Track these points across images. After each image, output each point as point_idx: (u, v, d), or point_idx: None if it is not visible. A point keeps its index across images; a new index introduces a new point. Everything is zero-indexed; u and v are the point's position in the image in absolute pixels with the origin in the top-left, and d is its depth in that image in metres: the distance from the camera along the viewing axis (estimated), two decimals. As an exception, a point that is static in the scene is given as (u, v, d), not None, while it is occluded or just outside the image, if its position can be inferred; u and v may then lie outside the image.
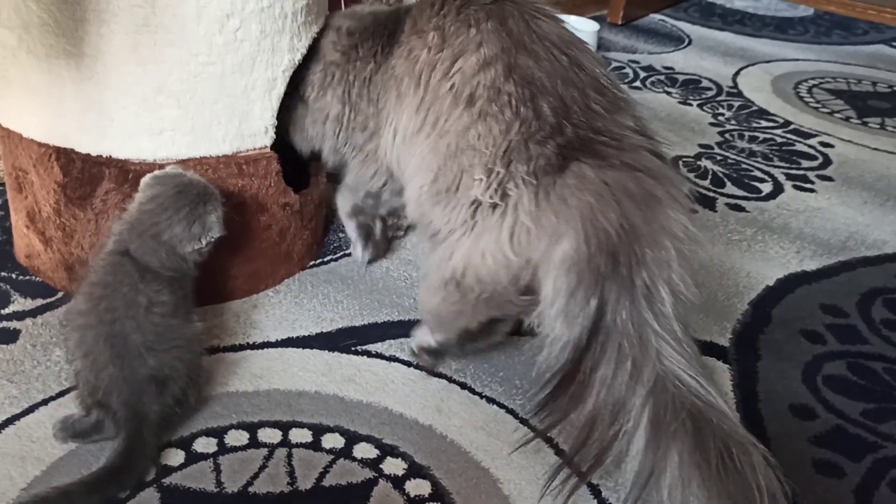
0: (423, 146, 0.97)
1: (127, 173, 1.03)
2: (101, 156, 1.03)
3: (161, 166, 1.03)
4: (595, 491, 0.90)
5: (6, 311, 1.08)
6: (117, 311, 0.89)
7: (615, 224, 0.85)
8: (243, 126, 1.06)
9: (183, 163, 1.04)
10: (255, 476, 0.88)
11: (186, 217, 0.95)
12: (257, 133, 1.08)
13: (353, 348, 1.07)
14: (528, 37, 0.94)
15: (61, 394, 0.96)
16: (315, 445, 0.92)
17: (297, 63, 1.09)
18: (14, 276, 1.15)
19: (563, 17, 2.16)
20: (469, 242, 0.93)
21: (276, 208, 1.13)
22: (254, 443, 0.92)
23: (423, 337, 1.04)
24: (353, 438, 0.93)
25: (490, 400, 1.01)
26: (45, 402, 0.95)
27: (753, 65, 2.27)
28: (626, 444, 0.82)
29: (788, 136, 1.84)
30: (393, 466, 0.90)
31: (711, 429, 0.80)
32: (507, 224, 0.89)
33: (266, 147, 1.10)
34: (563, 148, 0.89)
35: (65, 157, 1.04)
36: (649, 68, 2.18)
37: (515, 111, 0.90)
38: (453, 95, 0.94)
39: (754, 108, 1.98)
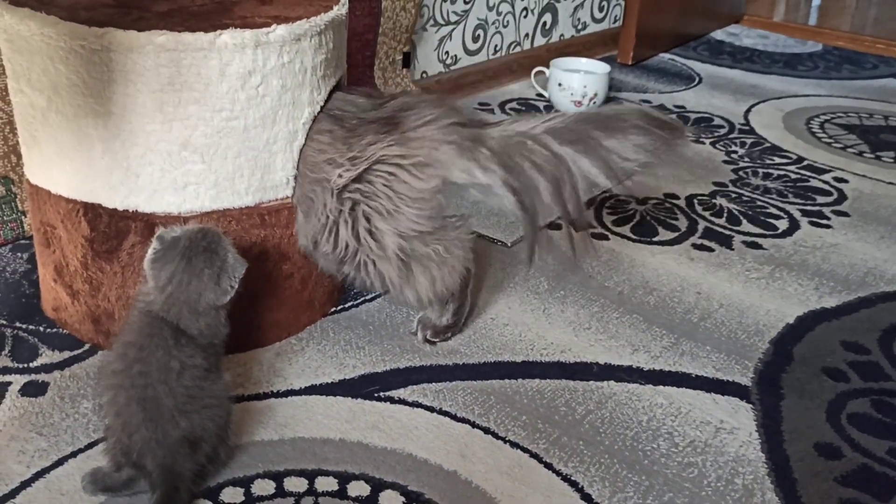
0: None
1: (152, 227, 1.06)
2: (127, 210, 1.05)
3: (185, 220, 1.05)
4: (572, 482, 0.90)
5: (34, 364, 1.10)
6: (150, 375, 0.89)
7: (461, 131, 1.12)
8: (265, 178, 1.08)
9: (207, 215, 1.06)
10: (283, 526, 0.89)
11: (210, 278, 0.95)
12: (279, 184, 1.10)
13: (375, 395, 1.08)
14: None
15: (90, 446, 0.97)
16: (341, 494, 0.93)
17: (316, 115, 1.12)
18: (42, 328, 1.17)
19: (575, 59, 2.19)
20: (384, 222, 1.10)
21: (298, 257, 1.15)
22: (280, 492, 0.92)
23: (434, 320, 1.18)
24: (378, 486, 0.94)
25: (514, 444, 1.01)
26: (73, 454, 0.96)
27: (764, 101, 2.29)
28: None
29: (802, 172, 1.85)
30: (419, 514, 0.91)
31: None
32: (402, 178, 1.09)
33: (287, 198, 1.12)
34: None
35: (92, 212, 1.06)
36: (661, 107, 2.20)
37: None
38: None
39: (767, 144, 1.99)
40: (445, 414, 1.05)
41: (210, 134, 1.02)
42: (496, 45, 2.28)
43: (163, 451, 0.87)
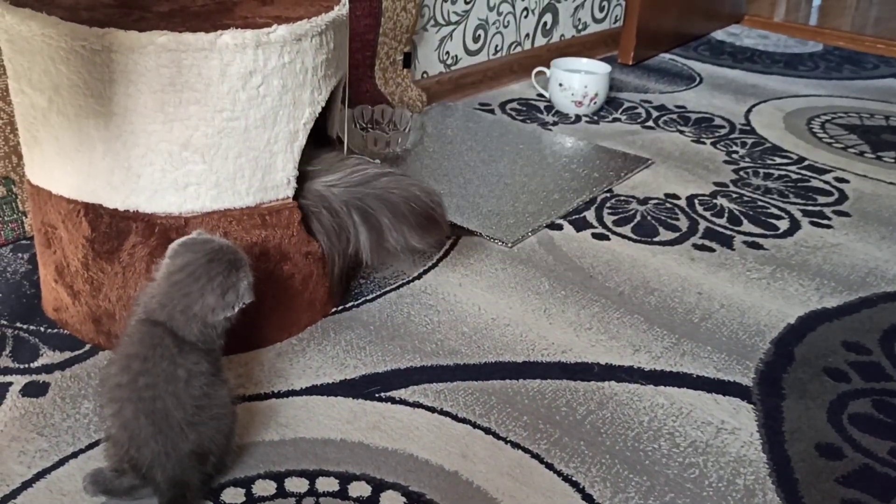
0: None
1: (153, 227, 1.06)
2: (128, 211, 1.05)
3: (186, 220, 1.05)
4: (573, 483, 0.90)
5: (35, 364, 1.10)
6: (157, 386, 0.87)
7: None
8: (266, 178, 1.08)
9: (207, 216, 1.06)
10: (284, 526, 0.89)
11: (220, 286, 0.91)
12: (280, 185, 1.10)
13: (376, 395, 1.08)
14: None
15: (91, 446, 0.97)
16: (342, 494, 0.93)
17: (317, 115, 1.12)
18: (42, 329, 1.17)
19: (575, 59, 2.20)
20: None
21: (299, 257, 1.15)
22: (281, 493, 0.92)
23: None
24: (379, 486, 0.94)
25: (515, 445, 1.01)
26: (74, 454, 0.96)
27: (765, 102, 2.29)
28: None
29: (803, 172, 1.85)
30: (420, 514, 0.91)
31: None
32: None
33: (288, 198, 1.12)
34: None
35: (93, 212, 1.06)
36: (661, 107, 2.20)
37: None
38: None
39: (768, 145, 1.99)
40: (446, 414, 1.05)
41: (211, 134, 1.02)
42: (497, 46, 2.28)
43: (172, 465, 0.86)
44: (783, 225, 1.60)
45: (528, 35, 2.38)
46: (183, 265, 0.92)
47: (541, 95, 2.21)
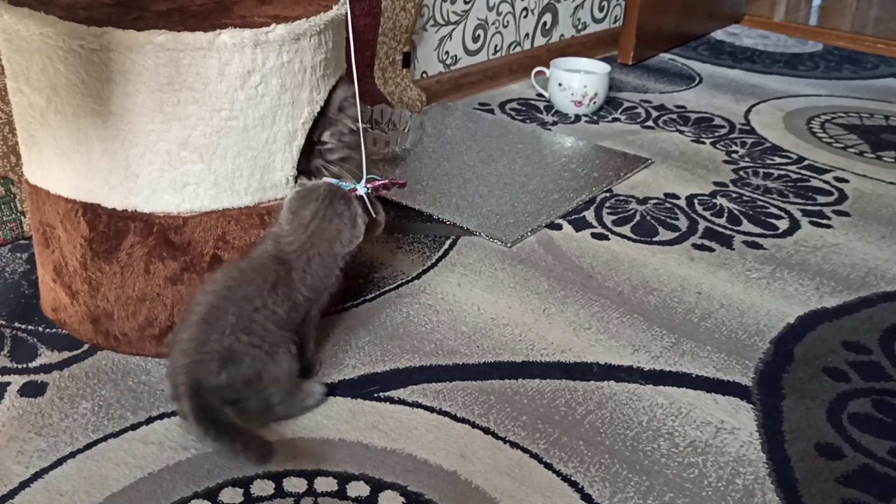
0: None
1: (152, 227, 1.06)
2: (126, 210, 1.05)
3: (185, 219, 1.05)
4: (572, 483, 0.90)
5: (33, 364, 1.10)
6: (234, 295, 0.97)
7: None
8: (265, 178, 1.08)
9: (206, 215, 1.06)
10: (282, 526, 0.88)
11: (350, 218, 1.03)
12: (278, 184, 1.10)
13: (375, 395, 1.08)
14: None
15: (89, 446, 0.97)
16: (341, 494, 0.92)
17: (315, 115, 1.11)
18: (41, 329, 1.17)
19: (575, 59, 2.20)
20: None
21: (298, 257, 1.15)
22: (279, 492, 0.92)
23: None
24: (378, 486, 0.93)
25: (514, 445, 1.01)
26: (72, 454, 0.96)
27: (765, 101, 2.29)
28: None
29: (803, 171, 1.84)
30: (418, 514, 0.91)
31: None
32: None
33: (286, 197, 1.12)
34: None
35: (91, 212, 1.06)
36: (661, 107, 2.20)
37: None
38: None
39: (767, 144, 1.99)
40: (445, 414, 1.05)
41: (209, 133, 1.02)
42: (496, 45, 2.28)
43: (195, 352, 0.93)
44: (783, 225, 1.60)
45: (527, 35, 2.38)
46: (313, 214, 1.02)
47: (540, 95, 2.21)
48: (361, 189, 1.07)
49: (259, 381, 0.97)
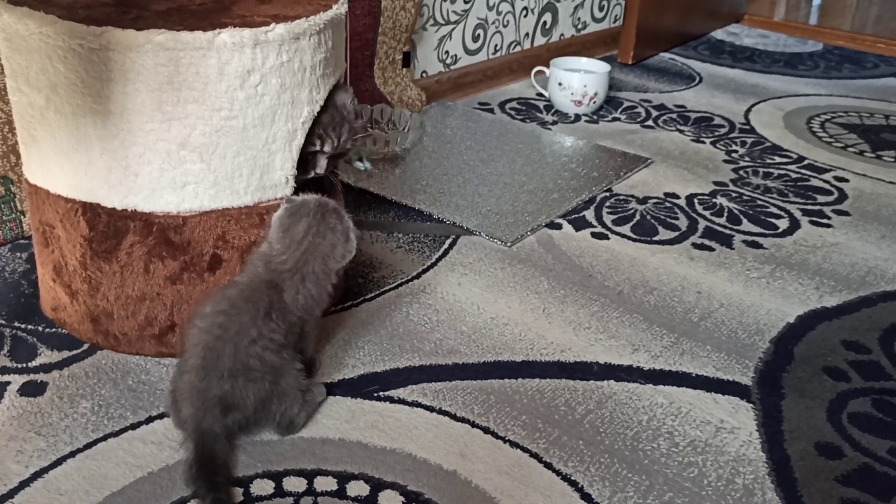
0: None
1: (151, 226, 1.05)
2: (126, 210, 1.05)
3: (184, 219, 1.05)
4: (572, 482, 0.90)
5: (33, 363, 1.10)
6: (228, 333, 0.94)
7: None
8: (264, 178, 1.08)
9: (205, 214, 1.06)
10: (282, 526, 0.88)
11: (342, 232, 1.01)
12: (278, 184, 1.10)
13: (375, 394, 1.08)
14: None
15: (88, 446, 0.97)
16: (340, 493, 0.92)
17: (314, 114, 1.11)
18: (40, 328, 1.17)
19: (575, 59, 2.19)
20: None
21: (297, 257, 1.15)
22: (279, 492, 0.92)
23: None
24: (377, 486, 0.93)
25: (513, 444, 1.01)
26: (72, 454, 0.96)
27: (765, 101, 2.29)
28: None
29: (803, 171, 1.84)
30: (418, 514, 0.91)
31: None
32: None
33: (286, 197, 1.11)
34: None
35: (91, 211, 1.06)
36: (661, 107, 2.20)
37: None
38: None
39: (767, 144, 1.99)
40: (445, 413, 1.05)
41: (209, 133, 1.02)
42: (496, 45, 2.28)
43: (198, 403, 0.92)
44: (783, 224, 1.60)
45: (527, 34, 2.37)
46: (305, 230, 1.00)
47: (540, 95, 2.21)
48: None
49: (271, 404, 0.96)
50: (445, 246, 1.45)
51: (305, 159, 1.13)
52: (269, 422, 0.98)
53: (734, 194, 1.71)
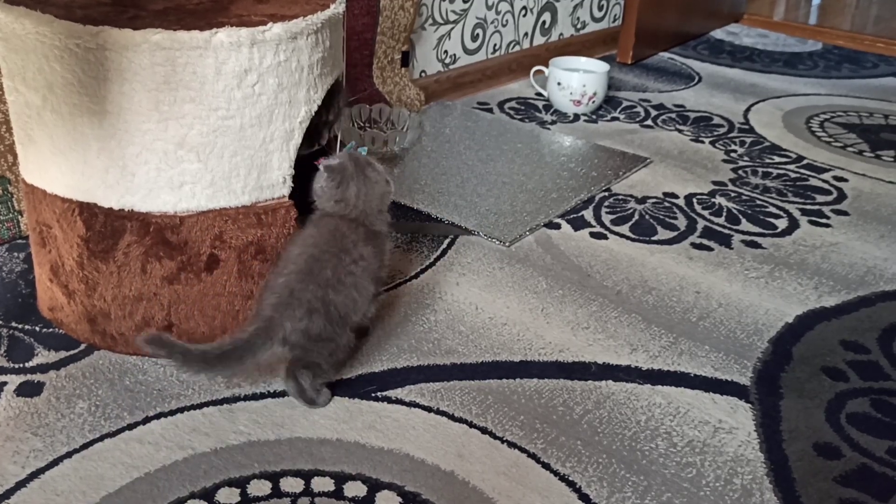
0: None
1: (148, 226, 1.05)
2: (123, 210, 1.05)
3: (181, 219, 1.05)
4: (570, 482, 0.90)
5: (30, 363, 1.10)
6: (333, 246, 1.03)
7: None
8: (262, 177, 1.08)
9: (203, 214, 1.06)
10: (278, 526, 0.88)
11: (382, 172, 1.12)
12: (275, 184, 1.10)
13: (373, 394, 1.08)
14: None
15: (85, 446, 0.97)
16: (338, 494, 0.92)
17: (312, 114, 1.11)
18: (37, 328, 1.17)
19: (574, 58, 2.19)
20: None
21: (295, 256, 1.15)
22: (276, 493, 0.92)
23: None
24: (375, 486, 0.93)
25: (511, 444, 1.01)
26: (69, 454, 0.95)
27: (764, 101, 2.29)
28: None
29: (802, 171, 1.84)
30: (415, 514, 0.90)
31: None
32: None
33: (284, 197, 1.11)
34: None
35: (88, 211, 1.06)
36: (660, 106, 2.20)
37: None
38: None
39: (766, 143, 1.99)
40: (443, 414, 1.05)
41: (206, 133, 1.02)
42: (495, 45, 2.28)
43: (287, 298, 0.99)
44: (782, 224, 1.60)
45: (526, 34, 2.37)
46: (356, 193, 1.09)
47: (539, 94, 2.21)
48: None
49: (329, 343, 1.03)
50: (444, 246, 1.45)
51: (310, 132, 1.15)
52: (325, 351, 1.03)
53: (733, 194, 1.71)
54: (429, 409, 1.05)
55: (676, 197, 1.69)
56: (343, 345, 1.05)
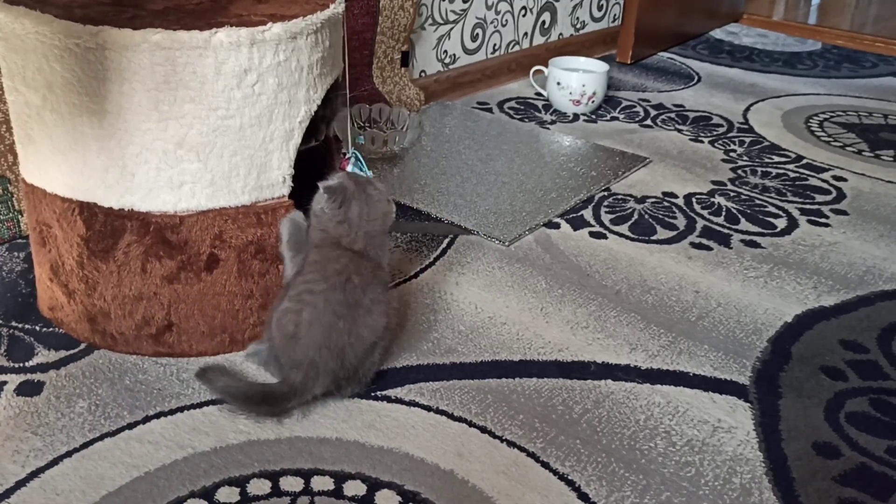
0: None
1: (148, 226, 1.05)
2: (123, 209, 1.05)
3: (181, 218, 1.05)
4: (569, 481, 0.90)
5: (30, 363, 1.10)
6: (343, 306, 1.01)
7: None
8: (262, 177, 1.08)
9: (203, 214, 1.06)
10: (278, 525, 0.88)
11: (383, 195, 1.09)
12: (275, 183, 1.10)
13: (372, 393, 1.08)
14: None
15: (85, 445, 0.97)
16: (337, 493, 0.92)
17: (312, 113, 1.11)
18: (38, 328, 1.17)
19: (573, 58, 2.19)
20: None
21: (295, 256, 1.15)
22: (276, 492, 0.92)
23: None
24: (374, 485, 0.93)
25: (510, 443, 1.01)
26: (69, 454, 0.96)
27: (763, 100, 2.29)
28: None
29: (801, 170, 1.84)
30: (415, 513, 0.90)
31: None
32: None
33: (284, 196, 1.11)
34: None
35: (88, 211, 1.06)
36: (660, 106, 2.20)
37: None
38: None
39: (766, 143, 1.99)
40: (442, 413, 1.05)
41: (206, 132, 1.02)
42: (495, 44, 2.28)
43: (314, 373, 1.01)
44: (781, 223, 1.60)
45: (526, 34, 2.37)
46: (359, 213, 1.06)
47: (539, 94, 2.21)
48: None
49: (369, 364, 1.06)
50: (443, 245, 1.45)
51: (307, 128, 1.15)
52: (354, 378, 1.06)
53: (732, 193, 1.71)
54: (428, 409, 1.06)
55: (676, 196, 1.69)
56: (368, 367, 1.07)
